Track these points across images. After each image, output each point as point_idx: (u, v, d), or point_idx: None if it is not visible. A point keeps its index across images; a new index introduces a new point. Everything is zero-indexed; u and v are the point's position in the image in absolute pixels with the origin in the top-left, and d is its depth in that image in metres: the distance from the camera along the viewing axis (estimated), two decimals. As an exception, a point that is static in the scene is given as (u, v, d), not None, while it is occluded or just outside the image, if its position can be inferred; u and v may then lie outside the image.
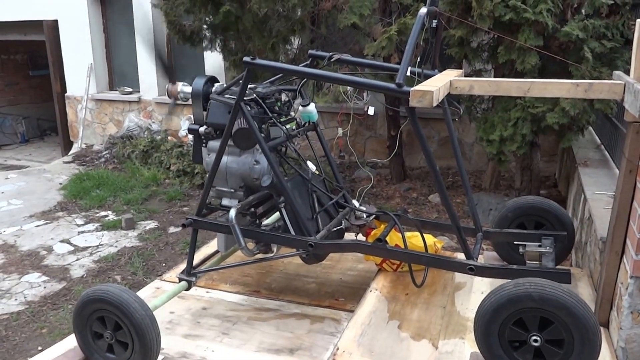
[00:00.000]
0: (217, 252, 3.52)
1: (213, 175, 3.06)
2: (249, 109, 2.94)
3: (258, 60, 2.78)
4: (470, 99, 5.31)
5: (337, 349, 2.73)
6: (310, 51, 3.33)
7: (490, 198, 5.92)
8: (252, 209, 3.20)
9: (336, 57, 3.25)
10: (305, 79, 3.29)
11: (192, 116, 9.09)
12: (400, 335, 2.89)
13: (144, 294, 3.52)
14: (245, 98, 2.92)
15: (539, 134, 5.08)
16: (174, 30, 6.12)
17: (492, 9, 4.34)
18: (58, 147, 10.79)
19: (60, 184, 7.67)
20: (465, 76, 3.01)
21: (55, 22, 9.67)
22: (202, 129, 3.19)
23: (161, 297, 3.04)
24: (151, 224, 6.15)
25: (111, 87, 9.95)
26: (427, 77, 2.73)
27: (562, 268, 2.90)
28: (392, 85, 2.46)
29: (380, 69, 3.25)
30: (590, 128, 5.78)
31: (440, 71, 2.93)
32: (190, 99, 3.26)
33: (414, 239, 3.34)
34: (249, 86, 3.22)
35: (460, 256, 3.13)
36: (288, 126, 3.22)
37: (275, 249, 3.20)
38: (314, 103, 3.37)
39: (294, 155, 3.41)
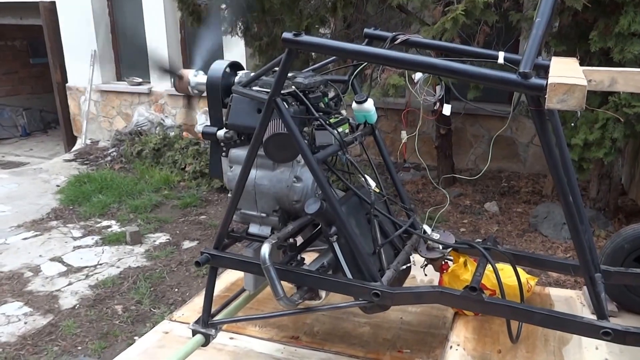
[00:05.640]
0: (243, 290, 2.70)
1: (238, 197, 2.24)
2: (286, 106, 2.13)
3: (304, 37, 1.95)
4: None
5: None
6: (366, 30, 2.53)
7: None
8: (291, 240, 2.39)
9: (402, 38, 2.44)
10: (360, 67, 2.48)
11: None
12: None
13: (145, 343, 2.69)
14: (282, 91, 2.13)
15: (631, 138, 4.19)
16: (187, 10, 5.28)
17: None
18: (62, 142, 10.00)
19: (58, 186, 6.75)
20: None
21: (53, 3, 8.76)
22: (220, 132, 2.39)
23: (168, 360, 2.20)
24: (162, 238, 5.26)
25: (119, 77, 9.06)
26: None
27: None
28: (513, 76, 1.69)
29: (474, 55, 2.38)
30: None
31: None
32: (205, 92, 2.43)
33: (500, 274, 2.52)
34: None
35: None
36: (340, 129, 2.36)
37: (323, 295, 2.37)
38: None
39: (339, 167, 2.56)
